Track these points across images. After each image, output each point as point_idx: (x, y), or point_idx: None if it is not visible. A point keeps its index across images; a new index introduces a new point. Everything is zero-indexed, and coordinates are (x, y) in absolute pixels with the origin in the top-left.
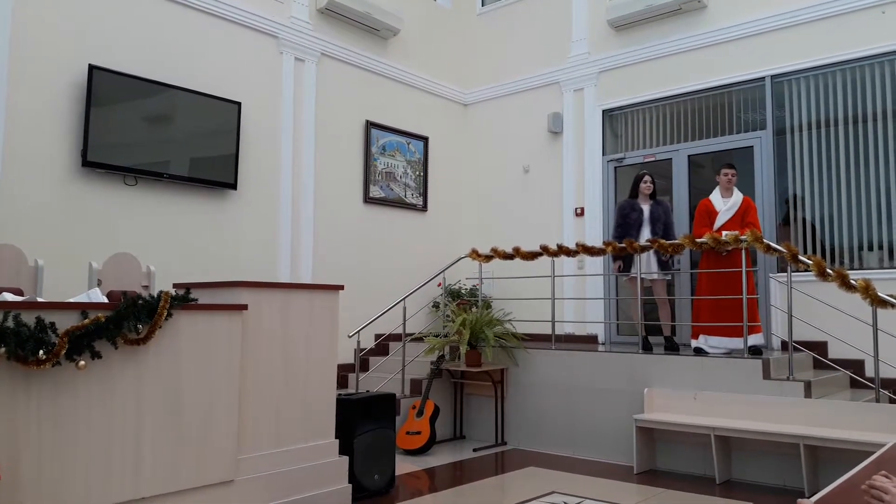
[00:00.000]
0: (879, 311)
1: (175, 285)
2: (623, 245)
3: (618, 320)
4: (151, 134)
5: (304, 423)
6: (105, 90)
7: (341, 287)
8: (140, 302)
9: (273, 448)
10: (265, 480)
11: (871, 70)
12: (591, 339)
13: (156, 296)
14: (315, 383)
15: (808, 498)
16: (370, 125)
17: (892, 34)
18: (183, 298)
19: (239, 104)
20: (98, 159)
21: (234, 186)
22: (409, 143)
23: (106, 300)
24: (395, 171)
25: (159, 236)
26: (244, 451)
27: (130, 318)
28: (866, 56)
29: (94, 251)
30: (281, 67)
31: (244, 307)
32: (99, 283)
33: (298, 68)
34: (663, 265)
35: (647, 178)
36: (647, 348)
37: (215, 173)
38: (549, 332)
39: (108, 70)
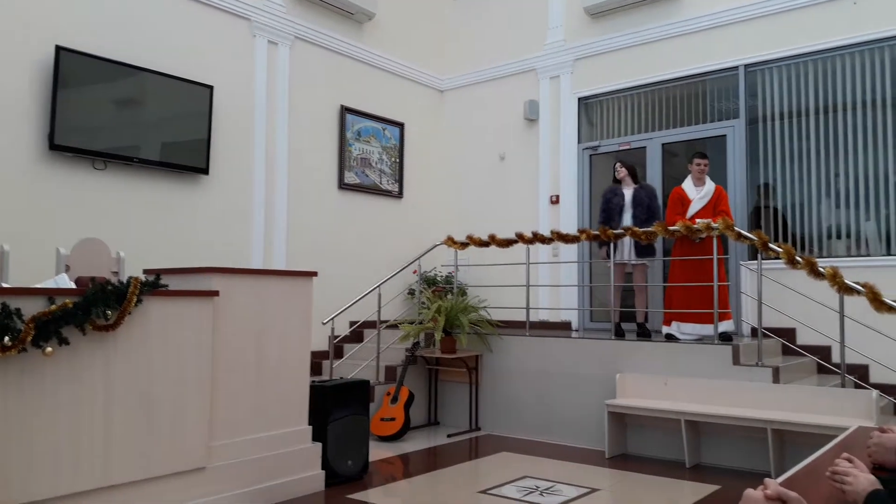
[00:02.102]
0: (846, 298)
1: (145, 271)
2: (597, 233)
3: (591, 307)
4: (121, 117)
5: (276, 410)
6: (73, 72)
7: (315, 273)
8: (109, 288)
9: (245, 435)
10: (237, 467)
11: (843, 60)
12: (564, 326)
13: (125, 282)
14: (288, 370)
15: None
16: (345, 110)
17: (864, 25)
18: (153, 284)
19: (211, 88)
20: (66, 143)
21: (205, 171)
22: (384, 129)
23: (74, 286)
24: (370, 157)
25: (130, 222)
26: (216, 438)
27: (99, 303)
28: (838, 46)
29: (61, 236)
30: (254, 51)
31: (215, 293)
32: (67, 269)
33: (272, 52)
34: (643, 251)
35: (616, 164)
36: (619, 334)
37: (187, 158)
38: (523, 318)
39: (76, 51)
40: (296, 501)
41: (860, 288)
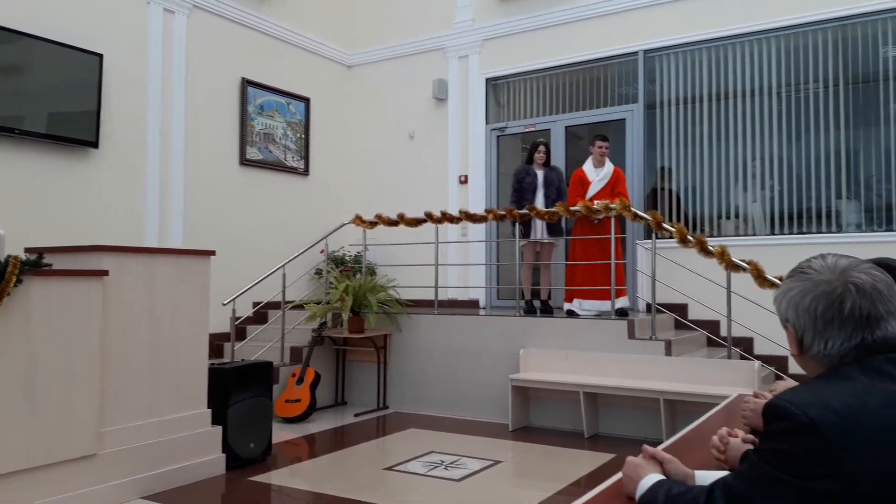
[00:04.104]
0: (733, 275)
1: (27, 250)
2: (503, 213)
3: (498, 285)
4: (1, 86)
5: (173, 394)
6: None
7: (212, 252)
8: None
9: (140, 419)
10: (132, 453)
11: (734, 49)
12: (472, 304)
13: (3, 261)
14: (185, 352)
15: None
16: (247, 83)
17: (755, 15)
18: (34, 263)
19: (101, 56)
20: None
21: (95, 145)
22: (289, 104)
23: None
24: (274, 133)
25: (10, 197)
26: (108, 423)
27: None
28: (730, 35)
29: None
30: (148, 18)
31: (105, 273)
32: None
33: (168, 20)
34: (553, 230)
35: (541, 147)
36: (531, 311)
37: (74, 130)
38: (432, 297)
39: None
40: (194, 486)
41: (745, 265)
